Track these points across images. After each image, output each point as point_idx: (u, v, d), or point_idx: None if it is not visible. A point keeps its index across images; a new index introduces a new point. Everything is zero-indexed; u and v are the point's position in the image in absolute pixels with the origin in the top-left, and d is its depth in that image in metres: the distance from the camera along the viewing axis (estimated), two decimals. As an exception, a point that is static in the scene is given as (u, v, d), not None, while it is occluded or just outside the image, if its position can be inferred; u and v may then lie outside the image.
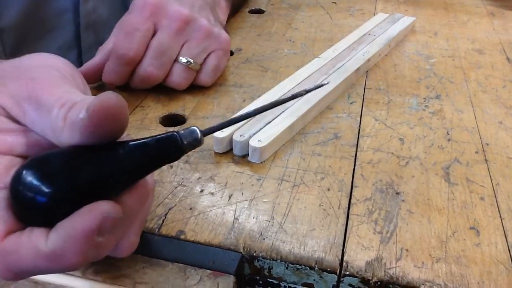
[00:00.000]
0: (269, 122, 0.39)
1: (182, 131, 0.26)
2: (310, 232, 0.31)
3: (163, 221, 0.32)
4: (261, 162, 0.37)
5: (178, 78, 0.45)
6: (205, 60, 0.45)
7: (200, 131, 0.27)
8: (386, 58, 0.54)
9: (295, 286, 0.30)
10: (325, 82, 0.43)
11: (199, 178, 0.35)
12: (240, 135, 0.37)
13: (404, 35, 0.59)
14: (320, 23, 0.62)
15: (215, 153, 0.38)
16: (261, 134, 0.37)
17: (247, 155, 0.37)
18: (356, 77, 0.49)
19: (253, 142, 0.37)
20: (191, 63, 0.44)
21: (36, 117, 0.25)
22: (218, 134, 0.37)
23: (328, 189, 0.35)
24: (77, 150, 0.23)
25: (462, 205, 0.34)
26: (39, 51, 0.29)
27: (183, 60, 0.44)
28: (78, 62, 0.57)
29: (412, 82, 0.49)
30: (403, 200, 0.34)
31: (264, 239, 0.31)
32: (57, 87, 0.26)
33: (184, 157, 0.37)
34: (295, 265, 0.29)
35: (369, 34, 0.56)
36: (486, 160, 0.38)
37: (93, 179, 0.23)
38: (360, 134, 0.41)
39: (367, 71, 0.51)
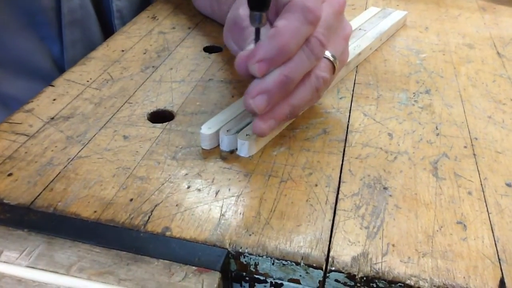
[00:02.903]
0: (256, 118, 0.39)
1: None
2: (297, 227, 0.31)
3: (149, 217, 0.31)
4: (250, 158, 0.37)
5: (323, 72, 0.37)
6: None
7: None
8: (376, 53, 0.54)
9: (281, 281, 0.30)
10: None
11: (186, 174, 0.35)
12: (227, 130, 0.37)
13: (396, 29, 0.59)
14: (311, 18, 0.62)
15: (203, 149, 0.38)
16: (249, 129, 0.37)
17: (234, 150, 0.37)
18: (347, 72, 0.49)
19: (241, 137, 0.36)
20: (335, 59, 0.38)
21: None
22: (205, 130, 0.37)
23: (316, 185, 0.34)
24: None
25: (450, 199, 0.34)
26: (22, 41, 0.29)
27: (329, 55, 0.37)
28: (61, 56, 0.57)
29: (402, 77, 0.49)
30: (390, 195, 0.34)
31: (250, 235, 0.30)
32: None
33: (171, 153, 0.37)
34: (281, 261, 0.29)
35: (360, 29, 0.56)
36: (474, 154, 0.38)
37: None
38: (349, 129, 0.41)
39: (357, 66, 0.51)
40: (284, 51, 0.33)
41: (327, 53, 0.37)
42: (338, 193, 0.34)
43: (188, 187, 0.34)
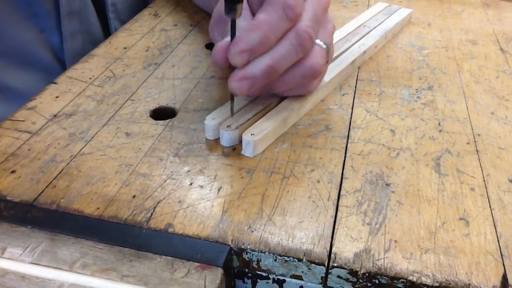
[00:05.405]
0: (257, 113, 0.39)
1: None
2: (299, 224, 0.31)
3: (151, 214, 0.32)
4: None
5: (318, 58, 0.37)
6: None
7: None
8: (379, 50, 0.54)
9: (283, 278, 0.30)
10: None
11: (188, 171, 0.35)
12: (227, 126, 0.37)
13: (400, 27, 0.59)
14: (313, 15, 0.62)
15: (205, 146, 0.38)
16: (254, 128, 0.37)
17: (235, 147, 0.37)
18: (352, 70, 0.49)
19: (247, 136, 0.36)
20: (327, 49, 0.38)
21: None
22: (209, 121, 0.37)
23: (318, 181, 0.34)
24: None
25: (452, 195, 0.34)
26: (22, 31, 0.29)
27: (321, 43, 0.38)
28: (61, 48, 0.57)
29: (405, 73, 0.49)
30: (393, 191, 0.34)
31: (252, 231, 0.30)
32: None
33: (173, 150, 0.37)
34: (283, 257, 0.29)
35: (364, 26, 0.56)
36: (477, 150, 0.38)
37: None
38: (351, 126, 0.41)
39: (359, 63, 0.51)
40: (263, 44, 0.34)
41: (318, 41, 0.38)
42: (340, 190, 0.34)
43: (191, 184, 0.34)
